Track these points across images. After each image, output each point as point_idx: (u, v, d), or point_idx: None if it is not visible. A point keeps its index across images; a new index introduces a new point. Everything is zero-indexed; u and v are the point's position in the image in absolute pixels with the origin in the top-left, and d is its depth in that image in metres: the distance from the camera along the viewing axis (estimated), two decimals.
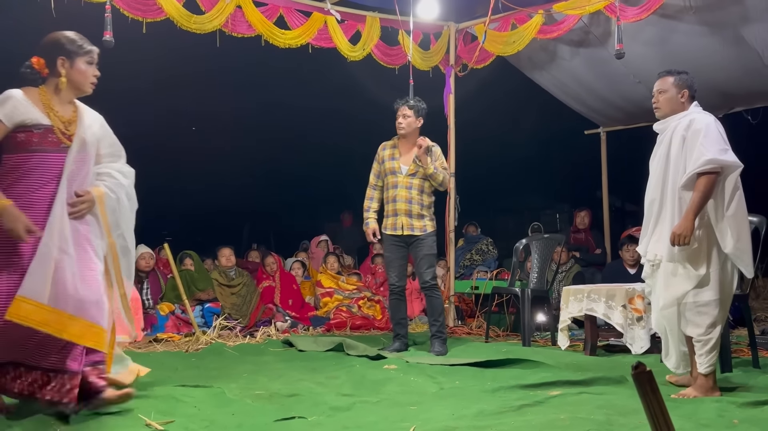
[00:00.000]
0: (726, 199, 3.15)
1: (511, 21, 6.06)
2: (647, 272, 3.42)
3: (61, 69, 2.69)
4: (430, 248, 4.79)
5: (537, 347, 5.09)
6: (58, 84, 2.69)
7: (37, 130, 2.59)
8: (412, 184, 4.80)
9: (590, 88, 6.91)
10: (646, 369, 1.37)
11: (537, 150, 10.64)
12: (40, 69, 2.68)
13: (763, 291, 7.57)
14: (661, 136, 3.40)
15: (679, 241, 3.11)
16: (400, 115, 4.83)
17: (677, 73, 3.41)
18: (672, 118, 3.36)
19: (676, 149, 3.25)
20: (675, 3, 5.28)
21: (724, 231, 3.14)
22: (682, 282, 3.20)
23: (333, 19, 5.87)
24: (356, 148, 10.12)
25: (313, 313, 6.47)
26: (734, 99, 6.53)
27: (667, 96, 3.37)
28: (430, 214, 4.86)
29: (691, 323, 3.21)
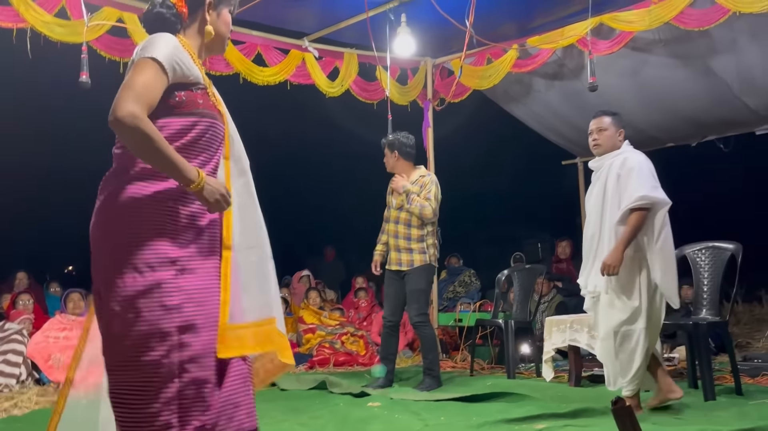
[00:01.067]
0: (655, 234, 3.36)
1: (487, 56, 6.16)
2: (588, 304, 3.59)
3: (208, 14, 2.04)
4: (416, 283, 4.69)
5: (522, 379, 5.06)
6: (203, 34, 2.03)
7: (197, 89, 1.91)
8: (399, 218, 4.80)
9: (566, 120, 7.01)
10: (625, 403, 1.36)
11: (516, 180, 10.75)
12: (180, 11, 1.99)
13: (743, 317, 7.62)
14: (597, 173, 3.59)
15: (609, 271, 3.31)
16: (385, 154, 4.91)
17: (612, 113, 3.63)
18: (607, 156, 3.55)
19: (612, 186, 3.43)
20: (645, 36, 5.42)
21: (653, 263, 3.36)
22: (619, 313, 3.39)
23: (311, 55, 5.93)
24: (338, 182, 10.18)
25: (295, 350, 6.39)
26: (706, 128, 6.66)
27: (607, 134, 3.56)
28: (421, 247, 4.74)
29: (623, 351, 3.39)
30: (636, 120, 6.47)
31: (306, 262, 9.53)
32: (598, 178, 3.56)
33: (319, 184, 10.50)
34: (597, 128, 3.59)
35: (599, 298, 3.49)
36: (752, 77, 5.59)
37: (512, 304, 5.78)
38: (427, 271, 4.75)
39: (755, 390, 4.07)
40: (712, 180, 8.22)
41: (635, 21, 5.12)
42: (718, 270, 4.14)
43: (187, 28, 2.00)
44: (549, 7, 5.58)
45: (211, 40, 2.03)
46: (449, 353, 6.47)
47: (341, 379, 4.76)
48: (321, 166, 10.12)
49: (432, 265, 4.80)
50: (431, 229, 4.80)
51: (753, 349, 6.02)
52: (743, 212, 9.10)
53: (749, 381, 4.34)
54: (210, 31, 2.01)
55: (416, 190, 4.76)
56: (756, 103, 5.91)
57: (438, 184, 4.86)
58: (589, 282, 3.52)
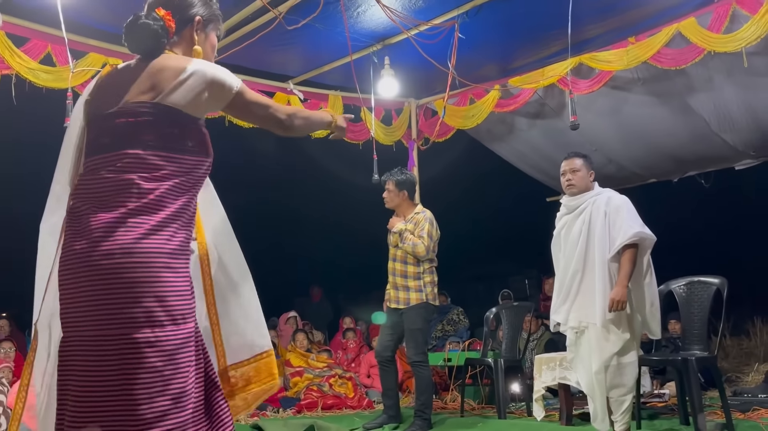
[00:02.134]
0: (644, 269, 3.49)
1: (469, 96, 6.26)
2: (572, 340, 3.62)
3: (196, 34, 1.93)
4: (413, 322, 4.63)
5: (513, 419, 4.99)
6: (191, 55, 1.90)
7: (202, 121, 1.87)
8: (396, 256, 4.80)
9: (549, 157, 7.09)
10: None
11: (502, 217, 10.81)
12: (168, 25, 1.85)
13: (732, 351, 7.61)
14: (574, 211, 3.67)
15: (618, 307, 3.38)
16: (386, 189, 4.90)
17: (584, 155, 3.77)
18: (586, 194, 3.66)
19: (599, 224, 3.52)
20: (624, 75, 5.54)
21: (640, 297, 3.47)
22: (611, 345, 3.44)
23: (296, 98, 5.99)
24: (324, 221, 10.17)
25: (282, 394, 6.27)
26: (686, 164, 6.77)
27: (580, 174, 3.69)
28: (417, 285, 4.69)
29: (616, 385, 3.44)
30: (618, 157, 6.57)
31: (292, 303, 9.45)
32: (577, 216, 3.64)
33: (305, 224, 10.47)
34: (570, 169, 3.70)
35: (583, 333, 3.53)
36: (729, 114, 5.71)
37: (501, 342, 5.74)
38: (424, 310, 4.70)
39: (747, 425, 4.04)
40: (694, 215, 8.32)
41: (614, 60, 5.24)
42: (705, 304, 4.16)
43: (175, 46, 1.90)
44: (529, 48, 5.70)
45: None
46: (439, 393, 6.39)
47: (330, 423, 4.68)
48: (307, 206, 10.12)
49: (429, 304, 4.71)
50: (428, 266, 4.75)
51: (743, 383, 6.00)
52: (726, 246, 9.19)
53: (740, 416, 4.31)
54: (198, 51, 1.92)
55: (411, 228, 4.76)
56: (734, 139, 6.02)
57: (433, 221, 4.83)
58: (571, 318, 3.57)
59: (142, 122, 1.74)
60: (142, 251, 1.67)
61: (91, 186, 1.75)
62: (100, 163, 1.76)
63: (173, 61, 1.82)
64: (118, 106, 1.77)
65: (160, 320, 1.66)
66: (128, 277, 1.65)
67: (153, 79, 1.78)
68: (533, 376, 4.84)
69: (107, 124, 1.78)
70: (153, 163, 1.73)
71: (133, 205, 1.70)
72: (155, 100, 1.75)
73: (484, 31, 5.28)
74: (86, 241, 1.68)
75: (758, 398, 4.97)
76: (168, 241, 1.72)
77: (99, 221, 1.69)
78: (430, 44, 5.20)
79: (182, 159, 1.78)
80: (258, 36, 4.80)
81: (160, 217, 1.72)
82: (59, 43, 4.60)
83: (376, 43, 5.63)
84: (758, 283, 9.17)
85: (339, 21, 4.98)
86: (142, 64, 1.83)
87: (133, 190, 1.70)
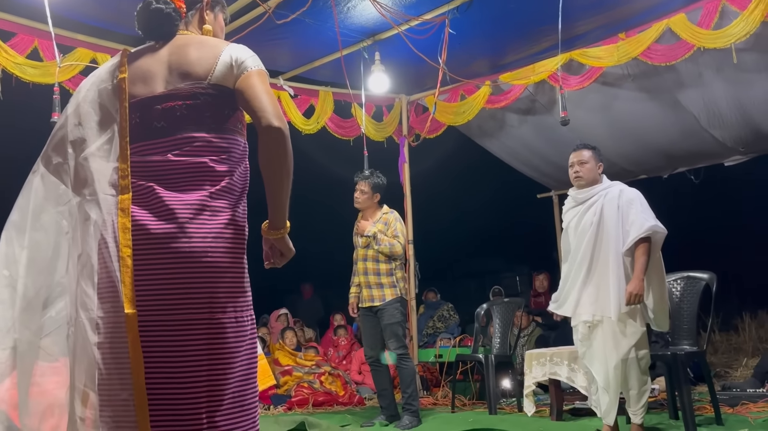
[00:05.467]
0: (654, 262, 3.48)
1: (460, 92, 6.25)
2: (584, 334, 3.57)
3: (206, 14, 1.96)
4: (391, 317, 4.70)
5: (503, 414, 5.00)
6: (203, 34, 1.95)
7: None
8: (367, 256, 4.82)
9: (540, 154, 7.11)
10: None
11: (493, 214, 10.82)
12: (179, 5, 1.89)
13: (721, 346, 7.66)
14: (583, 204, 3.64)
15: (635, 300, 3.35)
16: (358, 189, 4.91)
17: (592, 147, 3.73)
18: (596, 187, 3.64)
19: (612, 216, 3.51)
20: (614, 71, 5.55)
21: (652, 289, 3.48)
22: (629, 338, 3.43)
23: (286, 94, 5.96)
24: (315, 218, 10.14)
25: (273, 392, 6.26)
26: (677, 160, 6.79)
27: (588, 167, 3.66)
28: (391, 281, 4.77)
29: (634, 377, 3.43)
30: (608, 153, 6.56)
31: (284, 300, 9.42)
32: (587, 208, 3.60)
33: (295, 221, 10.43)
34: (578, 161, 3.66)
35: (596, 327, 3.49)
36: (718, 110, 5.72)
37: (492, 338, 5.75)
38: (400, 304, 4.77)
39: (735, 419, 4.07)
40: (684, 211, 8.36)
41: (604, 57, 5.25)
42: (694, 300, 4.18)
43: (189, 25, 1.92)
44: (520, 44, 5.70)
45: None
46: (430, 390, 6.39)
47: (320, 420, 4.67)
48: (297, 203, 10.07)
49: (404, 298, 4.83)
50: (398, 263, 4.85)
51: (731, 378, 6.04)
52: (716, 242, 9.26)
53: (729, 410, 4.33)
54: (209, 30, 1.94)
55: (381, 228, 4.80)
56: (723, 135, 6.05)
57: (401, 220, 4.95)
58: (584, 311, 3.52)
59: (202, 104, 1.73)
60: (229, 235, 1.70)
61: (158, 168, 1.71)
62: (161, 147, 1.72)
63: (206, 41, 1.83)
64: (165, 89, 1.75)
65: (241, 305, 1.71)
66: (218, 261, 1.67)
67: (193, 61, 1.76)
68: (524, 372, 4.85)
69: (158, 107, 1.74)
70: (219, 145, 1.74)
71: (213, 189, 1.70)
72: (208, 81, 1.74)
73: (475, 26, 5.27)
74: (167, 223, 1.65)
75: (747, 392, 5.00)
76: (245, 226, 1.76)
77: (180, 202, 1.66)
78: (421, 40, 5.19)
79: (239, 141, 1.79)
80: (247, 31, 4.77)
81: (236, 201, 1.74)
82: (46, 38, 4.55)
83: (367, 39, 5.61)
84: (747, 279, 9.26)
85: (329, 16, 4.96)
86: (167, 47, 1.83)
87: (209, 174, 1.70)
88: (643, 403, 3.45)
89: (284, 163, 1.71)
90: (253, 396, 1.74)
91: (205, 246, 1.65)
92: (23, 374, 1.72)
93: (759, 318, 8.11)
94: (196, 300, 1.63)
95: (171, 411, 1.60)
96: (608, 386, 3.48)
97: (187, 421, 1.60)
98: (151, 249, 1.64)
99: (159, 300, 1.63)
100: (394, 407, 4.82)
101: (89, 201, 1.71)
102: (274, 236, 1.78)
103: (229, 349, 1.67)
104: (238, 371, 1.69)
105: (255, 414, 1.74)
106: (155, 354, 1.61)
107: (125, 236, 1.64)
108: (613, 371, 3.42)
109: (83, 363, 1.63)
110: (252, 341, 1.76)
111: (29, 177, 1.83)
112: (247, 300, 1.76)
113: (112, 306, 1.63)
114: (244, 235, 1.76)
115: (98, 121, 1.77)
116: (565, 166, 3.79)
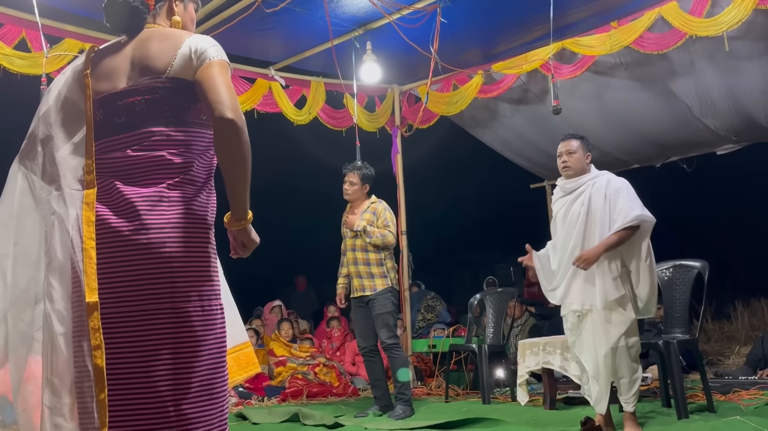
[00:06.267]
0: (644, 250, 3.48)
1: (453, 82, 6.23)
2: (574, 323, 3.57)
3: (175, 5, 1.94)
4: (382, 306, 4.71)
5: (497, 404, 5.01)
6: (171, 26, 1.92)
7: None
8: (356, 246, 4.82)
9: (532, 143, 7.10)
10: (594, 424, 1.34)
11: (486, 204, 10.83)
12: (148, 1, 1.88)
13: (713, 335, 7.70)
14: (572, 193, 3.65)
15: (582, 264, 3.40)
16: (347, 181, 4.90)
17: (580, 137, 3.72)
18: (584, 176, 3.64)
19: (600, 205, 3.51)
20: (606, 60, 5.53)
21: (640, 278, 3.47)
22: (618, 327, 3.43)
23: (278, 84, 5.92)
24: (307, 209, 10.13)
25: (267, 383, 6.26)
26: (669, 149, 6.80)
27: (576, 156, 3.65)
28: (382, 271, 4.77)
29: (624, 366, 3.43)
30: (601, 142, 6.57)
31: (278, 292, 9.41)
32: (575, 198, 3.61)
33: (288, 212, 10.42)
34: (566, 151, 3.66)
35: (586, 316, 3.49)
36: (711, 99, 5.72)
37: (485, 328, 5.76)
38: (391, 293, 4.77)
39: (727, 407, 4.08)
40: (676, 199, 8.38)
41: (596, 45, 5.23)
42: (686, 288, 4.19)
43: (157, 17, 1.91)
44: (512, 33, 5.67)
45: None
46: (424, 380, 6.40)
47: (314, 410, 4.67)
48: (289, 194, 10.07)
49: (395, 288, 4.82)
50: (388, 253, 4.84)
51: (724, 366, 6.06)
52: (708, 230, 9.28)
53: (721, 398, 4.35)
54: (178, 22, 1.93)
55: (369, 218, 4.80)
56: (715, 124, 6.05)
57: (390, 209, 4.94)
58: (574, 301, 3.53)
59: (160, 98, 1.74)
60: (188, 225, 1.71)
61: (118, 165, 1.73)
62: (121, 143, 1.74)
63: (169, 34, 1.82)
64: (127, 84, 1.77)
65: (207, 293, 1.72)
66: (176, 251, 1.68)
67: (155, 55, 1.77)
68: (517, 361, 4.86)
69: (119, 103, 1.76)
70: (178, 138, 1.74)
71: (171, 181, 1.71)
72: (167, 75, 1.74)
73: (467, 15, 5.24)
74: (126, 217, 1.68)
75: (739, 380, 5.02)
76: (207, 216, 1.77)
77: (138, 195, 1.69)
78: (412, 29, 5.16)
79: (202, 133, 1.79)
80: (237, 20, 4.73)
81: (197, 192, 1.75)
82: (34, 29, 4.50)
83: (358, 28, 5.57)
84: (739, 267, 9.29)
85: (319, 5, 4.93)
86: (132, 41, 1.83)
87: (167, 167, 1.72)
88: (634, 391, 3.45)
89: (239, 155, 1.69)
90: (222, 385, 1.74)
91: (163, 237, 1.67)
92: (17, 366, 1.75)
93: (752, 307, 8.14)
94: (157, 290, 1.65)
95: (135, 401, 1.62)
96: (598, 375, 3.48)
97: (152, 410, 1.62)
98: (113, 243, 1.67)
99: (122, 292, 1.66)
100: (388, 397, 4.82)
101: (56, 196, 1.75)
102: (236, 227, 1.77)
103: (196, 338, 1.67)
104: (205, 359, 1.69)
105: (224, 403, 1.74)
106: (120, 345, 1.64)
107: (89, 229, 1.68)
108: (603, 359, 3.43)
109: (51, 353, 1.66)
110: (222, 330, 1.76)
111: (12, 172, 1.85)
112: (214, 289, 1.76)
113: (77, 297, 1.66)
114: (205, 224, 1.76)
115: (66, 119, 1.80)
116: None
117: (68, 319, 1.67)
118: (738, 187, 9.19)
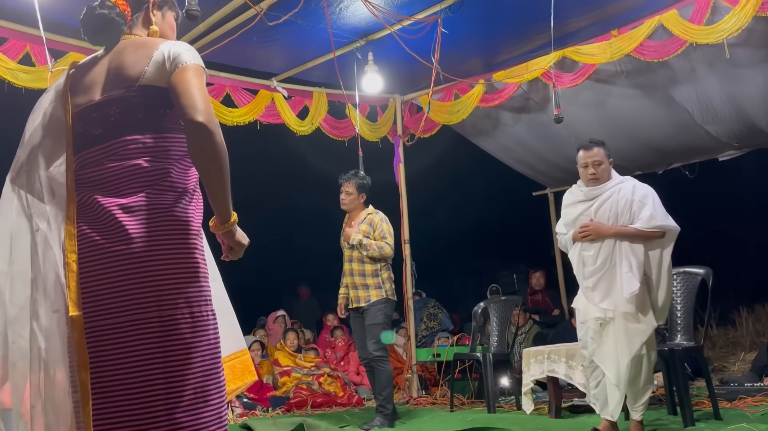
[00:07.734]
0: (666, 259, 3.48)
1: (454, 91, 6.25)
2: (596, 331, 3.51)
3: (152, 14, 1.94)
4: (373, 318, 4.70)
5: (502, 413, 5.00)
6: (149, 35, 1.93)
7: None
8: (352, 257, 4.84)
9: (534, 151, 7.11)
10: None
11: (489, 212, 10.82)
12: (123, 10, 1.88)
13: (718, 341, 7.68)
14: (594, 199, 3.60)
15: (586, 234, 3.47)
16: (343, 191, 4.93)
17: (601, 143, 3.68)
18: (607, 183, 3.62)
19: (625, 213, 3.50)
20: (608, 68, 5.55)
21: (659, 285, 3.48)
22: (640, 335, 3.41)
23: (280, 95, 5.95)
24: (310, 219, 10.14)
25: (272, 393, 6.25)
26: (671, 156, 6.81)
27: (603, 167, 3.62)
28: (377, 282, 4.76)
29: (644, 373, 3.42)
30: None
31: (281, 302, 9.41)
32: (601, 204, 3.56)
33: (291, 222, 10.43)
34: (593, 162, 3.60)
35: (608, 324, 3.45)
36: (712, 105, 5.74)
37: (490, 337, 5.75)
38: (384, 305, 4.75)
39: (734, 414, 4.07)
40: (679, 206, 8.34)
41: (597, 54, 5.25)
42: (690, 295, 4.18)
43: (134, 27, 1.92)
44: (513, 42, 5.70)
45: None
46: (428, 389, 6.39)
47: (319, 421, 4.66)
48: (292, 205, 10.07)
49: (389, 299, 4.80)
50: (384, 264, 4.84)
51: (729, 373, 6.05)
52: (711, 236, 9.26)
53: (727, 405, 4.34)
54: (155, 31, 1.93)
55: (366, 229, 4.81)
56: (717, 130, 6.06)
57: (387, 220, 4.93)
58: (595, 308, 3.48)
59: (133, 107, 1.75)
60: (170, 232, 1.70)
61: (97, 177, 1.74)
62: (99, 155, 1.75)
63: (143, 43, 1.83)
64: (102, 96, 1.78)
65: (196, 300, 1.70)
66: (158, 259, 1.67)
67: (129, 65, 1.78)
68: (522, 370, 4.85)
69: (95, 115, 1.78)
70: (154, 145, 1.74)
71: (150, 189, 1.71)
72: (138, 83, 1.75)
73: (467, 25, 5.27)
74: (108, 228, 1.68)
75: (744, 386, 5.01)
76: (191, 221, 1.76)
77: (118, 206, 1.69)
78: (414, 39, 5.19)
79: (180, 138, 1.79)
80: (240, 32, 4.76)
81: (177, 198, 1.74)
82: (38, 43, 4.53)
83: (359, 39, 5.60)
84: (744, 274, 9.28)
85: (321, 17, 4.95)
86: (110, 53, 1.85)
87: (144, 174, 1.72)
88: (645, 400, 3.44)
89: (213, 158, 1.69)
90: (218, 390, 1.72)
91: (144, 246, 1.67)
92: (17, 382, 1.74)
93: (756, 313, 8.13)
94: (143, 300, 1.65)
95: (129, 411, 1.62)
96: (619, 382, 3.44)
97: (147, 419, 1.61)
98: (96, 255, 1.68)
99: (108, 304, 1.66)
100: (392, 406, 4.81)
101: (41, 212, 1.76)
102: (221, 230, 1.78)
103: (185, 344, 1.66)
104: (197, 365, 1.68)
105: (221, 408, 1.72)
106: (108, 357, 1.64)
107: (71, 242, 1.69)
108: (626, 368, 3.40)
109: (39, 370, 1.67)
110: (215, 335, 1.75)
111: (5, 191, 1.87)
112: (203, 294, 1.74)
113: (63, 311, 1.67)
114: (189, 230, 1.75)
115: (51, 137, 1.82)
116: (560, 163, 3.79)
117: (54, 334, 1.67)
118: (741, 192, 9.19)
